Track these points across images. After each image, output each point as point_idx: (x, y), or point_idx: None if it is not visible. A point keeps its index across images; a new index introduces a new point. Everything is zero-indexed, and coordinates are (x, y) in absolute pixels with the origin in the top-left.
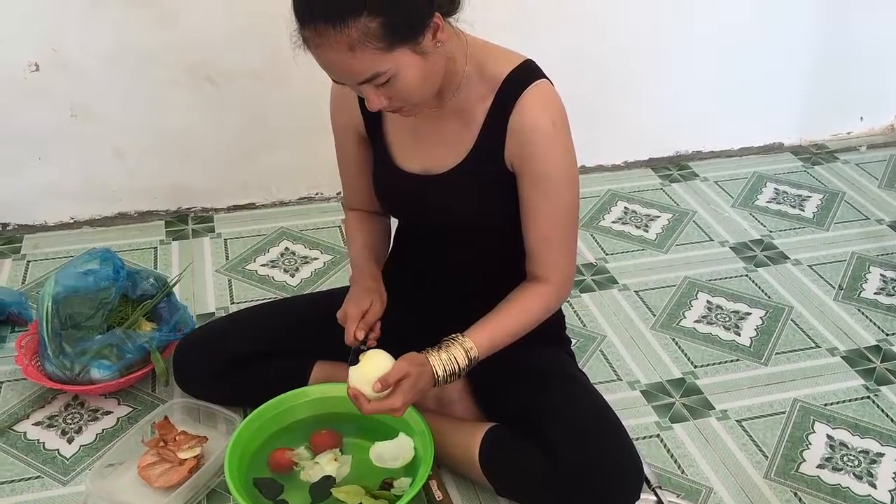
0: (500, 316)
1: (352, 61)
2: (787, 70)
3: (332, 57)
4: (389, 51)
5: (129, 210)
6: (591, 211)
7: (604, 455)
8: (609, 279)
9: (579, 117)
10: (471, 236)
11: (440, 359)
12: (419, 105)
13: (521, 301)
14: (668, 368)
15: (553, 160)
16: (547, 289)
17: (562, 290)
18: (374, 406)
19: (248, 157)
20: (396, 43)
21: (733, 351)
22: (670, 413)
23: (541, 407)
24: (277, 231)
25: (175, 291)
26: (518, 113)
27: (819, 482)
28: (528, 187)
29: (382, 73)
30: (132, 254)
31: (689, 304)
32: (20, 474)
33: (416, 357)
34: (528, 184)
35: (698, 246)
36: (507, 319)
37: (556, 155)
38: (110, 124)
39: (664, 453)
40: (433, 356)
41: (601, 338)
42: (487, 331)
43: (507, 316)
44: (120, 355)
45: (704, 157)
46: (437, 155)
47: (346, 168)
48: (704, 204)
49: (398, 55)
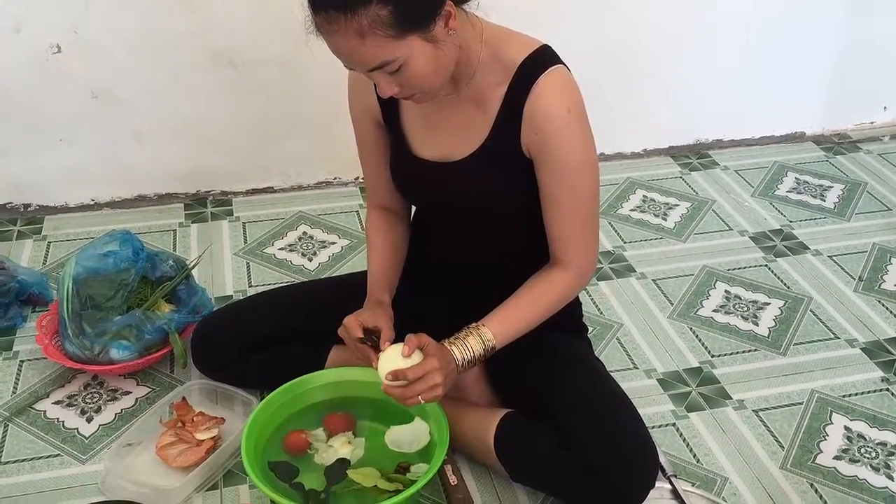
0: (517, 303)
1: (362, 48)
2: (810, 59)
3: (343, 44)
4: (400, 38)
5: (149, 193)
6: (610, 199)
7: (619, 443)
8: (627, 267)
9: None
10: (489, 222)
11: (458, 348)
12: (431, 92)
13: (539, 288)
14: (684, 357)
15: (569, 147)
16: (566, 275)
17: (582, 277)
18: (418, 387)
19: (268, 141)
20: (407, 31)
21: (751, 341)
22: (686, 402)
23: (557, 394)
24: (296, 215)
25: (194, 274)
26: (533, 99)
27: (836, 473)
28: (545, 174)
29: (392, 60)
30: (151, 236)
31: (707, 294)
32: (40, 452)
33: (437, 346)
34: (545, 171)
35: (717, 235)
36: (525, 307)
37: (571, 141)
38: (132, 107)
39: (680, 442)
40: (451, 345)
41: (618, 326)
42: (504, 319)
43: (525, 303)
44: (139, 336)
45: (725, 145)
46: (453, 142)
47: (367, 157)
48: (724, 193)
49: (409, 43)
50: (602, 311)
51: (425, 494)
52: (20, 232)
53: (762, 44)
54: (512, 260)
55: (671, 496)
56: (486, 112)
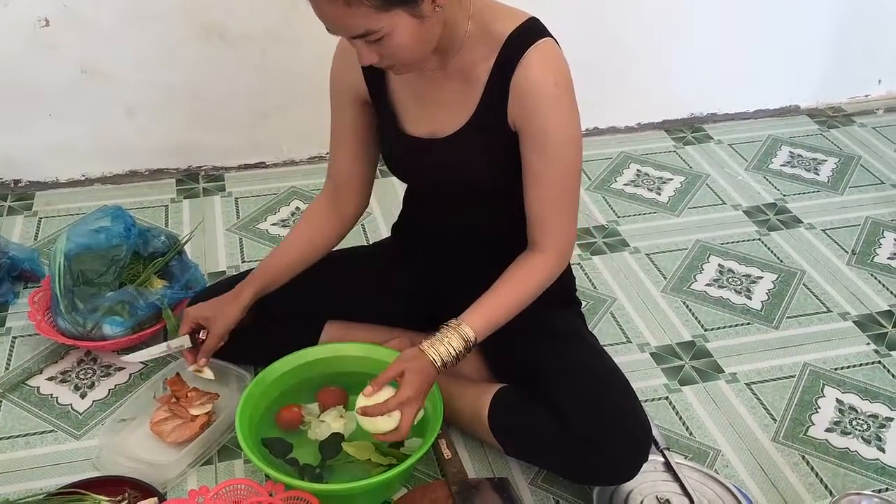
0: (496, 295)
1: (345, 16)
2: (804, 32)
3: (329, 10)
4: (385, 10)
5: (141, 168)
6: (604, 173)
7: (612, 416)
8: (620, 242)
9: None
10: (480, 199)
11: (436, 349)
12: (411, 65)
13: (518, 276)
14: (678, 331)
15: (554, 121)
16: (544, 258)
17: (560, 258)
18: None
19: (260, 116)
20: (393, 3)
21: (744, 314)
22: (679, 375)
23: (550, 368)
24: (288, 190)
25: (186, 250)
26: (520, 72)
27: (827, 446)
28: (528, 148)
29: (375, 31)
30: (143, 212)
31: (700, 268)
32: (34, 428)
33: (408, 353)
34: (528, 144)
35: (711, 209)
36: (505, 297)
37: (557, 115)
38: (122, 82)
39: (673, 415)
40: (428, 347)
41: (611, 300)
42: (484, 313)
43: (504, 294)
44: (132, 312)
45: (719, 119)
46: (441, 117)
47: (337, 143)
48: (718, 167)
49: (393, 15)
50: (595, 285)
51: (420, 468)
52: (11, 208)
53: (757, 17)
54: (505, 237)
55: (664, 469)
56: (473, 86)
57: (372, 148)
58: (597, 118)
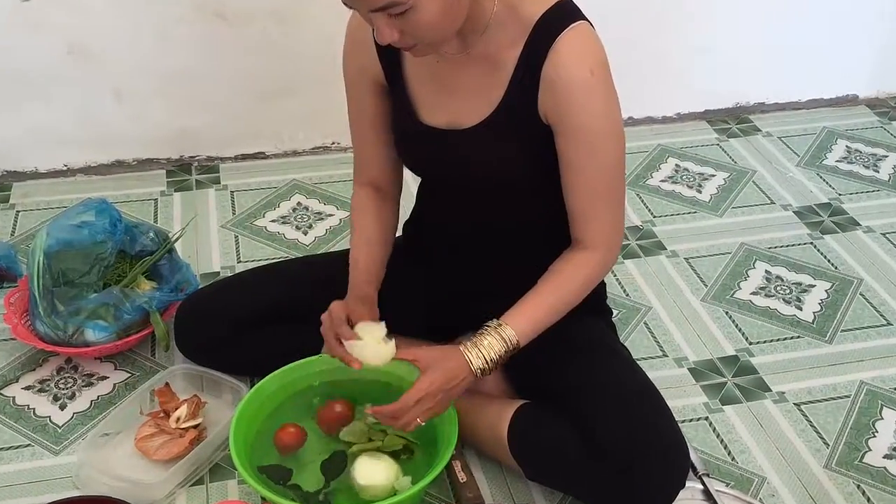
0: (538, 294)
1: None
2: (863, 15)
3: None
4: None
5: (128, 157)
6: (638, 168)
7: (646, 438)
8: (656, 244)
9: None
10: (503, 198)
11: (475, 352)
12: (433, 44)
13: (561, 275)
14: (719, 344)
15: (592, 112)
16: (590, 255)
17: (607, 257)
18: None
19: (260, 101)
20: None
21: (794, 327)
22: (721, 394)
23: (577, 383)
24: (289, 184)
25: (177, 248)
26: (552, 61)
27: (885, 474)
28: (565, 143)
29: (401, 2)
30: (131, 205)
31: (745, 274)
32: (8, 442)
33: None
34: (565, 139)
35: (758, 209)
36: (548, 297)
37: (595, 106)
38: (110, 63)
39: (713, 438)
40: (468, 350)
41: (646, 309)
42: (526, 313)
43: (547, 293)
44: (117, 316)
45: (768, 109)
46: (463, 107)
47: (360, 128)
48: (766, 162)
49: None
50: (628, 292)
51: (431, 492)
52: None
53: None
54: (528, 241)
55: (703, 497)
56: (499, 74)
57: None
58: (631, 107)
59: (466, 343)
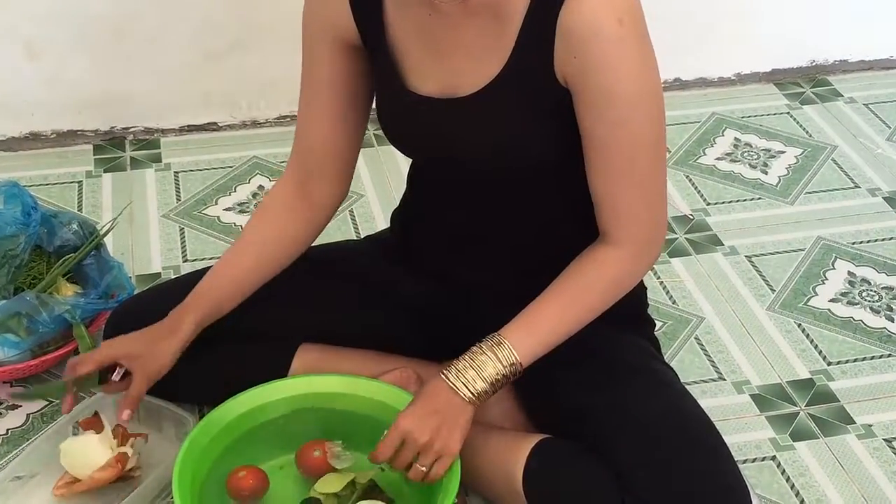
0: (549, 301)
1: None
2: None
3: None
4: None
5: (45, 129)
6: (688, 143)
7: (695, 484)
8: (710, 238)
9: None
10: (510, 182)
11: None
12: None
13: (582, 274)
14: (790, 365)
15: (622, 72)
16: (619, 253)
17: (642, 255)
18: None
19: (211, 59)
20: None
21: (883, 343)
22: (792, 427)
23: (609, 414)
24: (249, 162)
25: (107, 243)
26: (570, 7)
27: None
28: (587, 112)
29: None
30: (49, 190)
31: (822, 277)
32: None
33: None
34: (588, 106)
35: (838, 195)
36: (560, 305)
37: (625, 64)
38: (21, 11)
39: (782, 482)
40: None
41: (697, 320)
42: (532, 325)
43: (559, 298)
44: (31, 328)
45: (850, 69)
46: (461, 69)
47: (309, 102)
48: (849, 135)
49: None
50: (675, 299)
51: None
52: None
53: None
54: (545, 235)
55: None
56: (505, 27)
57: (355, 112)
58: (678, 66)
59: (455, 366)
